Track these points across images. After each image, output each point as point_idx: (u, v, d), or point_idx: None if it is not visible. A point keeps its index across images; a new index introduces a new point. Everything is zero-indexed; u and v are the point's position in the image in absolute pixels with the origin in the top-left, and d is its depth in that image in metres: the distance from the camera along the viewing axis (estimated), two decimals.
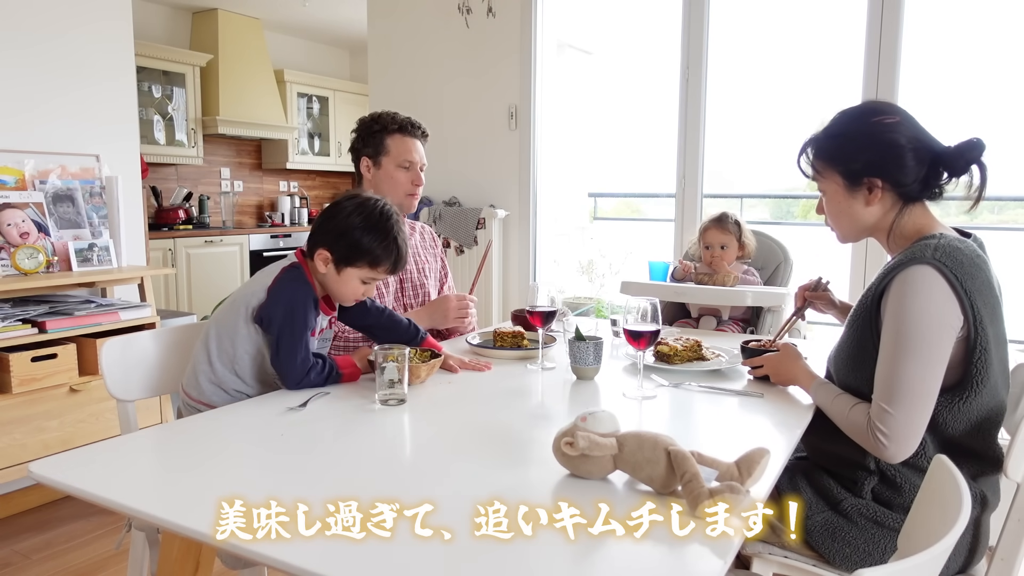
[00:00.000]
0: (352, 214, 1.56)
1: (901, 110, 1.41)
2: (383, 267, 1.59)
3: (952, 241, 1.34)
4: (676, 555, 0.91)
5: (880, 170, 1.39)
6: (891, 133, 1.38)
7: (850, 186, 1.42)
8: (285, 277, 1.57)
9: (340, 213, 1.57)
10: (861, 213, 1.44)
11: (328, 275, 1.59)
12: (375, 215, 1.57)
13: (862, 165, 1.40)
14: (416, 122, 2.15)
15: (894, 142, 1.37)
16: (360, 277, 1.59)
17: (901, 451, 1.28)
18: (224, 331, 1.58)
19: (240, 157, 6.34)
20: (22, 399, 2.56)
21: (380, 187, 2.11)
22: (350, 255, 1.56)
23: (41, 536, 2.50)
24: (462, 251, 3.98)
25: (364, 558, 0.89)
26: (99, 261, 2.92)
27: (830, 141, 1.45)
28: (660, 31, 3.74)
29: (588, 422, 1.10)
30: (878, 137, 1.38)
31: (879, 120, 1.39)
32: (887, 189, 1.40)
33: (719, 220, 2.51)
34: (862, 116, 1.43)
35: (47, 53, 2.93)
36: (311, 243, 1.60)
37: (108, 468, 1.16)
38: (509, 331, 2.00)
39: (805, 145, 1.49)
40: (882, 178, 1.39)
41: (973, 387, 1.31)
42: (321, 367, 1.57)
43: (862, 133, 1.41)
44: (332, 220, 1.57)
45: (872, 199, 1.41)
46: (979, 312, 1.28)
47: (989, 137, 1.37)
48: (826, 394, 1.43)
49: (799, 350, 1.61)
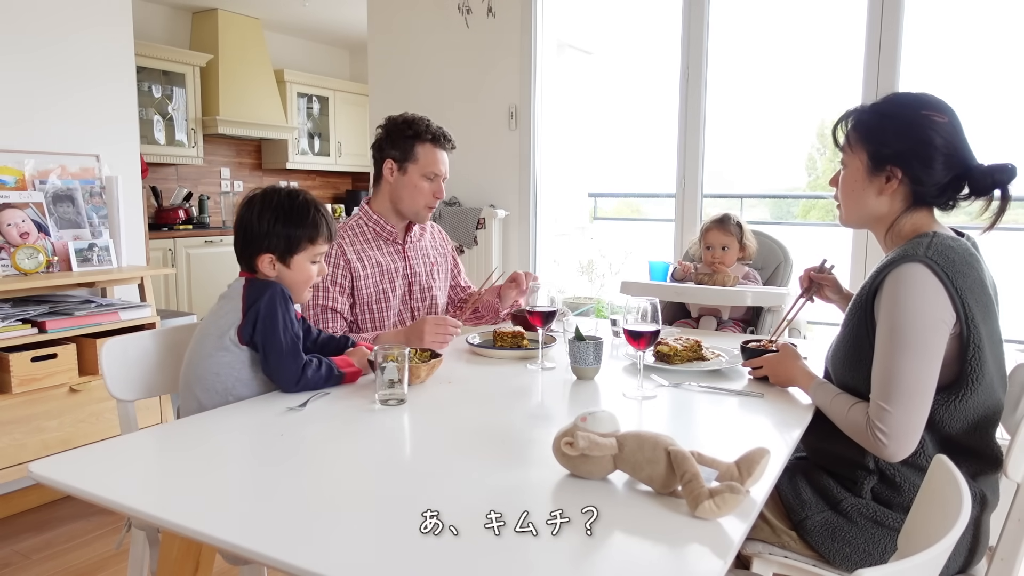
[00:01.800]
0: (264, 212, 1.58)
1: (953, 113, 1.37)
2: (322, 239, 1.62)
3: (945, 240, 1.34)
4: (676, 555, 0.91)
5: (905, 163, 1.37)
6: (931, 130, 1.35)
7: (872, 169, 1.40)
8: (251, 288, 1.56)
9: (254, 220, 1.58)
10: (870, 200, 1.42)
11: (280, 274, 1.60)
12: (284, 201, 1.59)
13: (891, 152, 1.37)
14: (448, 135, 2.15)
15: (930, 140, 1.35)
16: (308, 259, 1.62)
17: (901, 449, 1.28)
18: (206, 379, 1.54)
19: (240, 157, 6.34)
20: (22, 399, 2.56)
21: (400, 192, 2.10)
22: (289, 244, 1.58)
23: (41, 536, 2.50)
24: (462, 251, 3.98)
25: (364, 558, 0.89)
26: (99, 261, 2.92)
27: (872, 118, 1.42)
28: (660, 31, 3.74)
29: (588, 422, 1.10)
30: (918, 130, 1.36)
31: (927, 114, 1.36)
32: (904, 184, 1.38)
33: (721, 221, 2.51)
34: (912, 104, 1.39)
35: (47, 53, 2.93)
36: (247, 259, 1.60)
37: (108, 468, 1.16)
38: (509, 331, 2.00)
39: (848, 114, 1.45)
40: (904, 170, 1.37)
41: (968, 385, 1.31)
42: (317, 365, 1.56)
43: (905, 120, 1.37)
44: (252, 229, 1.58)
45: (887, 189, 1.40)
46: (971, 310, 1.28)
47: (988, 137, 1.37)
48: (825, 394, 1.43)
49: (797, 350, 1.61)
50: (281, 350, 1.52)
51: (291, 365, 1.52)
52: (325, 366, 1.58)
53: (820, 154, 4.76)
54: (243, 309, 1.54)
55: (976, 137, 1.39)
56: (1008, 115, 3.41)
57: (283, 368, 1.52)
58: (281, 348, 1.52)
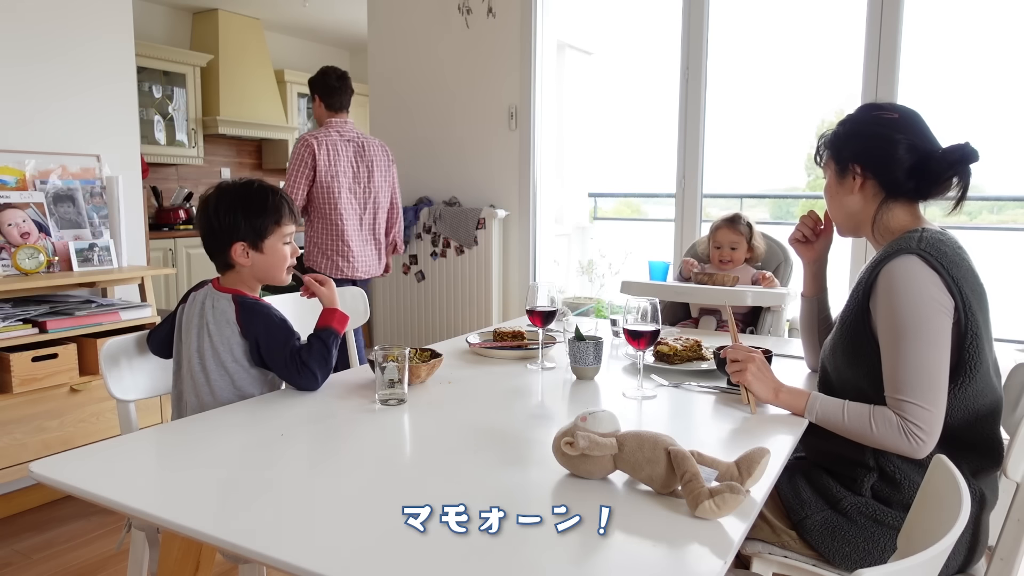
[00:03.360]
0: (222, 207, 1.60)
1: (904, 109, 1.46)
2: (287, 219, 1.64)
3: (934, 233, 1.37)
4: (676, 555, 0.91)
5: (862, 157, 1.45)
6: (882, 127, 1.44)
7: (839, 173, 1.49)
8: (242, 311, 1.58)
9: (216, 217, 1.59)
10: (847, 201, 1.49)
11: (255, 261, 1.61)
12: (240, 191, 1.62)
13: (850, 153, 1.47)
14: None
15: (882, 135, 1.43)
16: (279, 240, 1.64)
17: (932, 442, 1.28)
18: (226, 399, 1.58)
19: (240, 157, 6.34)
20: (23, 399, 2.56)
21: None
22: (258, 230, 1.60)
23: (41, 536, 2.50)
24: (462, 251, 3.98)
25: (364, 558, 0.89)
26: (99, 261, 2.92)
27: (835, 132, 1.52)
28: (660, 31, 3.74)
29: (588, 422, 1.11)
30: (870, 128, 1.46)
31: (877, 114, 1.47)
32: (869, 178, 1.45)
33: (732, 220, 2.55)
34: (864, 109, 1.51)
35: (48, 54, 2.93)
36: (219, 255, 1.62)
37: (108, 468, 1.16)
38: (509, 331, 2.00)
39: (820, 137, 1.56)
40: (863, 166, 1.45)
41: (967, 372, 1.32)
42: (320, 346, 1.57)
43: (858, 122, 1.49)
44: (216, 226, 1.60)
45: (855, 186, 1.47)
46: (967, 297, 1.30)
47: (988, 137, 1.38)
48: (832, 413, 1.37)
49: (765, 362, 1.49)
50: (302, 361, 1.54)
51: (315, 367, 1.55)
52: (321, 342, 1.58)
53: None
54: (241, 329, 1.57)
55: (976, 137, 1.41)
56: (1007, 115, 3.41)
57: (309, 372, 1.54)
58: (302, 358, 1.54)
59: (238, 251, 1.60)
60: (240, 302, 1.58)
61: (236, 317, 1.57)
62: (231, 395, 1.58)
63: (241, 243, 1.59)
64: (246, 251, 1.60)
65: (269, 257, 1.62)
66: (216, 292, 1.61)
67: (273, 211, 1.61)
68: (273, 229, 1.62)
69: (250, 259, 1.61)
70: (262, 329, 1.56)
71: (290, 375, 1.55)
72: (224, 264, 1.63)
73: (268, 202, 1.61)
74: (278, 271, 1.65)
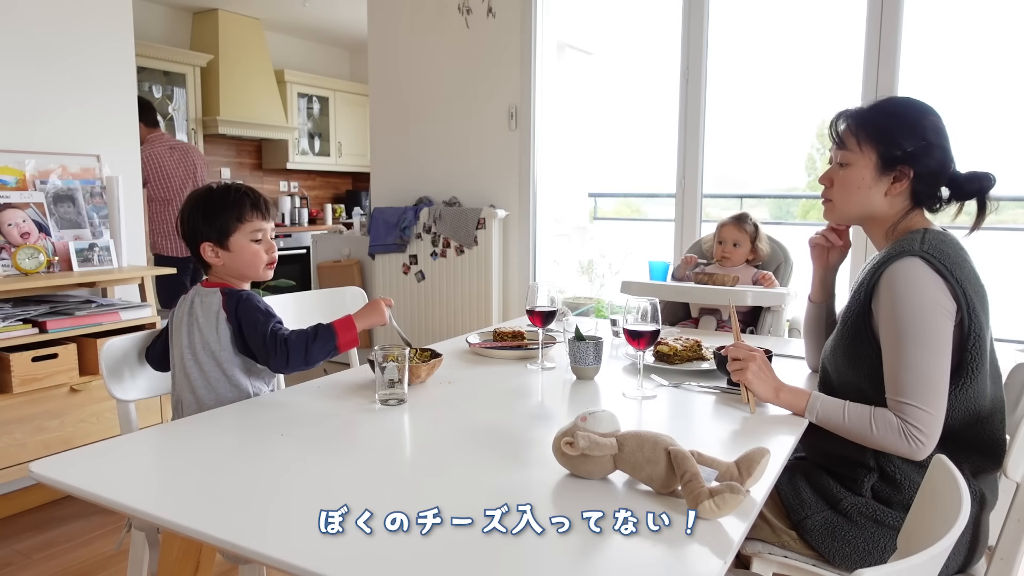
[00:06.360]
0: (185, 212, 1.64)
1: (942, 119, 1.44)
2: (250, 214, 1.64)
3: (937, 234, 1.36)
4: (676, 555, 0.91)
5: (917, 163, 1.39)
6: (937, 133, 1.40)
7: (882, 168, 1.41)
8: (228, 299, 1.59)
9: (182, 220, 1.65)
10: (875, 199, 1.43)
11: (225, 259, 1.63)
12: (202, 194, 1.65)
13: (904, 152, 1.39)
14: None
15: (938, 142, 1.39)
16: (246, 237, 1.63)
17: (932, 444, 1.28)
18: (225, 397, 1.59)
19: (240, 157, 6.34)
20: (23, 399, 2.56)
21: None
22: (219, 228, 1.61)
23: (41, 536, 2.50)
24: (462, 251, 3.98)
25: (364, 558, 0.89)
26: (100, 261, 2.92)
27: (881, 118, 1.43)
28: (660, 31, 3.74)
29: (588, 422, 1.11)
30: (929, 132, 1.39)
31: (934, 119, 1.41)
32: (909, 184, 1.41)
33: (738, 218, 2.57)
34: (918, 107, 1.43)
35: (48, 54, 2.93)
36: (197, 256, 1.65)
37: (108, 468, 1.16)
38: (509, 331, 2.00)
39: (847, 113, 1.46)
40: (915, 170, 1.39)
41: (969, 373, 1.32)
42: (309, 334, 1.56)
43: (916, 122, 1.40)
44: (184, 229, 1.65)
45: (893, 189, 1.41)
46: (970, 298, 1.30)
47: (988, 136, 1.39)
48: (832, 414, 1.37)
49: (767, 361, 1.49)
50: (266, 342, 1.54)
51: (295, 344, 1.53)
52: (310, 331, 1.57)
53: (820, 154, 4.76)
54: (228, 319, 1.58)
55: (976, 137, 1.41)
56: (1007, 115, 3.41)
57: (284, 350, 1.53)
58: (276, 335, 1.54)
59: (207, 251, 1.62)
60: (226, 292, 1.61)
61: (223, 305, 1.59)
62: (225, 385, 1.58)
63: (207, 243, 1.62)
64: (215, 251, 1.63)
65: (238, 254, 1.63)
66: (204, 288, 1.63)
67: (232, 208, 1.62)
68: (236, 226, 1.62)
69: (220, 258, 1.63)
70: (243, 310, 1.58)
71: (267, 355, 1.54)
72: (204, 264, 1.66)
73: (227, 199, 1.63)
74: (251, 268, 1.65)
